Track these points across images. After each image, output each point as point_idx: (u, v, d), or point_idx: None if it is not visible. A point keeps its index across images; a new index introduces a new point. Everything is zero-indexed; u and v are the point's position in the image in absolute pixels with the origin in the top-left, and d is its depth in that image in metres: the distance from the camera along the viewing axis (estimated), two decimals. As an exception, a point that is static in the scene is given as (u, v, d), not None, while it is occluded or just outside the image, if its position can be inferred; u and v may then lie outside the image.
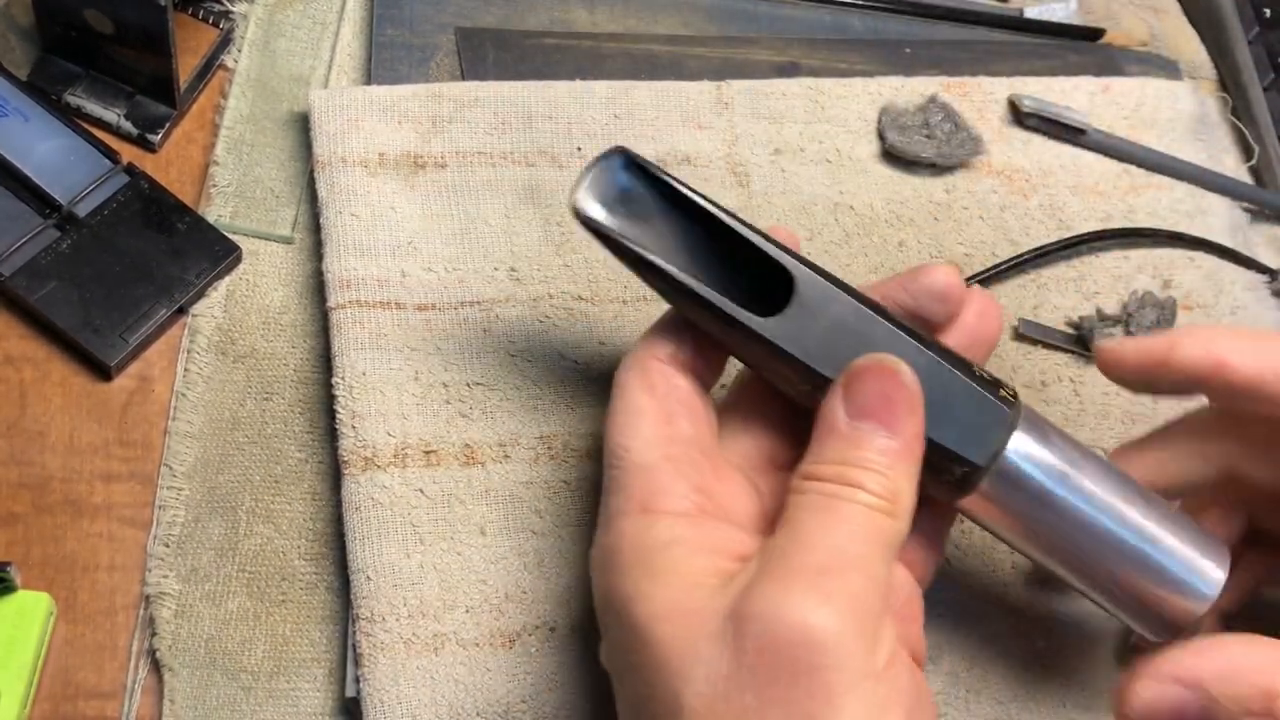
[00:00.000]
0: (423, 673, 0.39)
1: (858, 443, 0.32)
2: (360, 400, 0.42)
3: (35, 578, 0.40)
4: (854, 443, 0.32)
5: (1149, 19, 0.59)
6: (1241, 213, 0.54)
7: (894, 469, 0.31)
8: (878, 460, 0.31)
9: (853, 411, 0.32)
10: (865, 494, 0.31)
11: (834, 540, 0.30)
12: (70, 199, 0.44)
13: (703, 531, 0.32)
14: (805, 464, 0.32)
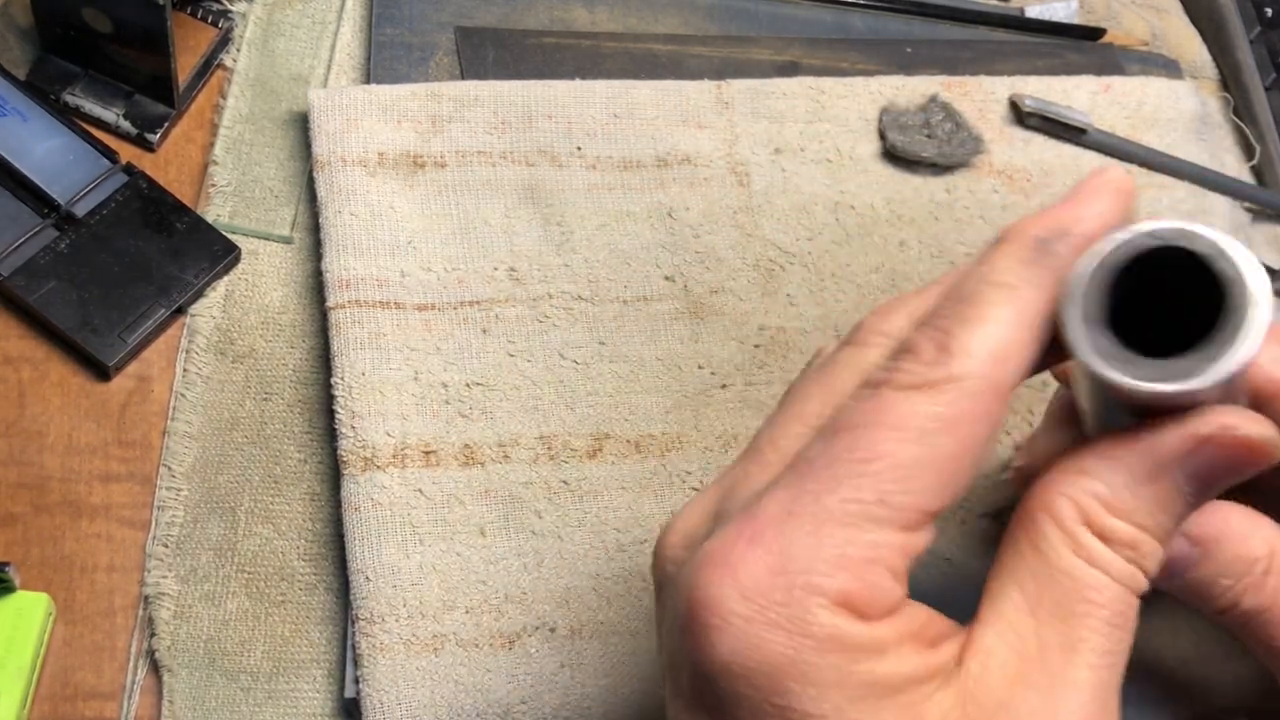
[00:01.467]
0: (422, 674, 0.39)
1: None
2: (359, 400, 0.42)
3: (34, 578, 0.40)
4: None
5: (1150, 18, 0.59)
6: (1243, 212, 0.54)
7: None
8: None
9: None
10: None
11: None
12: (69, 199, 0.44)
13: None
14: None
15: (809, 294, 0.47)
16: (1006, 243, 0.29)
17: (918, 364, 0.27)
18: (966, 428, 0.27)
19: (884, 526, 0.26)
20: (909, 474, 0.27)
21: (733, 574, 0.26)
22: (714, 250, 0.47)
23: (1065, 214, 0.29)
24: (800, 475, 0.27)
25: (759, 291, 0.47)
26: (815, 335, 0.47)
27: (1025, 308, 0.28)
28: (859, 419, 0.27)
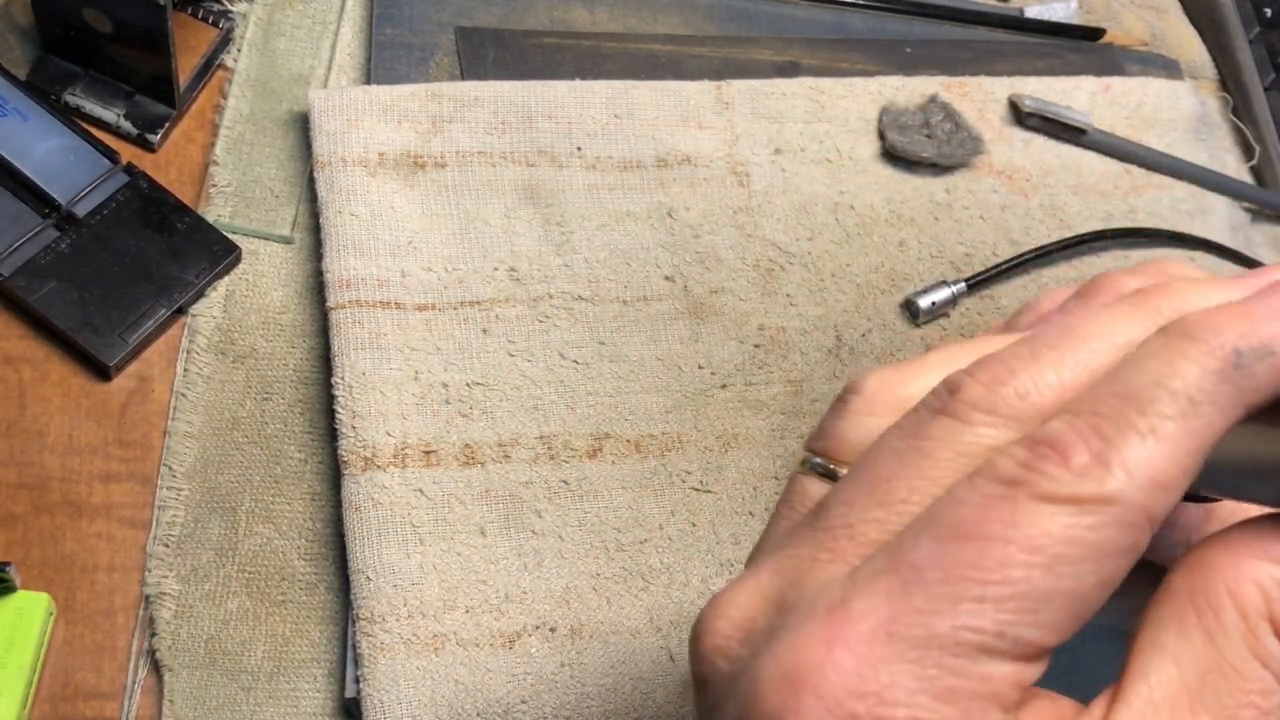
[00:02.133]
0: (422, 673, 0.39)
1: None
2: (360, 400, 0.42)
3: (34, 578, 0.40)
4: None
5: (1149, 18, 0.59)
6: (1243, 212, 0.54)
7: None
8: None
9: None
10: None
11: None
12: (69, 199, 0.44)
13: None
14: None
15: (809, 294, 0.47)
16: (1194, 343, 0.24)
17: (1065, 469, 0.23)
18: (1109, 561, 0.23)
19: (999, 659, 0.23)
20: (1036, 606, 0.23)
21: (821, 698, 0.23)
22: (714, 250, 0.47)
23: (1270, 325, 0.24)
24: (905, 586, 0.23)
25: (759, 291, 0.47)
26: (815, 335, 0.47)
27: (1202, 430, 0.24)
28: (984, 528, 0.23)
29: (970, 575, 0.23)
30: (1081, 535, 0.23)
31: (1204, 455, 0.24)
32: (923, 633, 0.23)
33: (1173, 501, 0.24)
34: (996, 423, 0.25)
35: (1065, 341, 0.26)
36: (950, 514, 0.24)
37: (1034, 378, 0.25)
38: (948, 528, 0.23)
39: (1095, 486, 0.23)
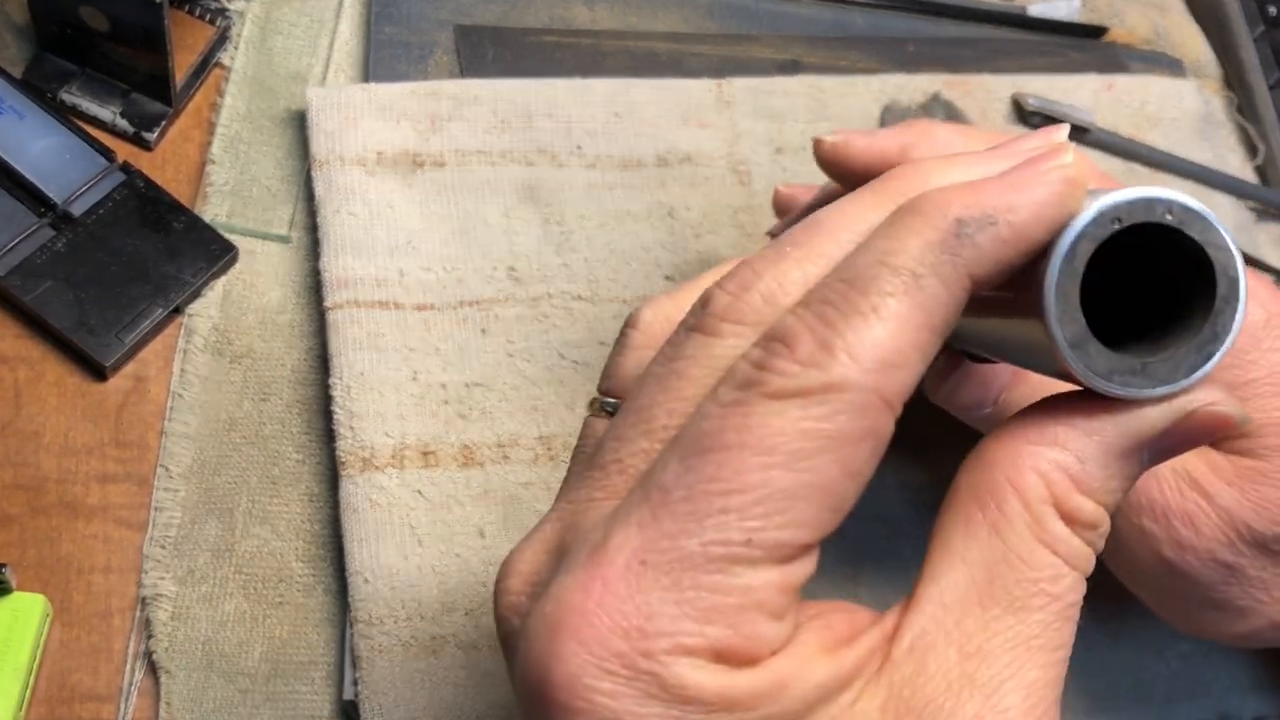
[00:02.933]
0: (421, 676, 0.38)
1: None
2: (358, 401, 0.41)
3: (30, 579, 0.40)
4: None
5: (1153, 16, 0.59)
6: (1247, 212, 0.54)
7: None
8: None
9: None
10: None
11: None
12: (65, 198, 0.44)
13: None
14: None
15: (810, 294, 0.47)
16: (917, 215, 0.24)
17: (792, 362, 0.23)
18: (849, 448, 0.23)
19: (756, 566, 0.23)
20: (781, 507, 0.23)
21: (585, 645, 0.22)
22: (715, 250, 0.47)
23: (996, 196, 0.24)
24: (655, 512, 0.23)
25: (760, 291, 0.47)
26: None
27: (928, 304, 0.23)
28: (720, 437, 0.23)
29: (711, 489, 0.22)
30: (814, 427, 0.22)
31: (939, 329, 0.23)
32: (674, 556, 0.22)
33: (911, 378, 0.23)
34: (744, 331, 0.25)
35: (809, 238, 0.25)
36: (693, 430, 0.23)
37: (778, 278, 0.25)
38: (690, 444, 0.23)
39: (821, 374, 0.22)
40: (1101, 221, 0.23)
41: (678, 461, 0.23)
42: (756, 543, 0.23)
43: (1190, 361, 0.24)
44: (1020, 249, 0.24)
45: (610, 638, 0.22)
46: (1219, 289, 0.24)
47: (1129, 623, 0.45)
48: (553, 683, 0.23)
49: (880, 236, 0.24)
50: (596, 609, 0.23)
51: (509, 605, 0.26)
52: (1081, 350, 0.24)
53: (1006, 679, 0.24)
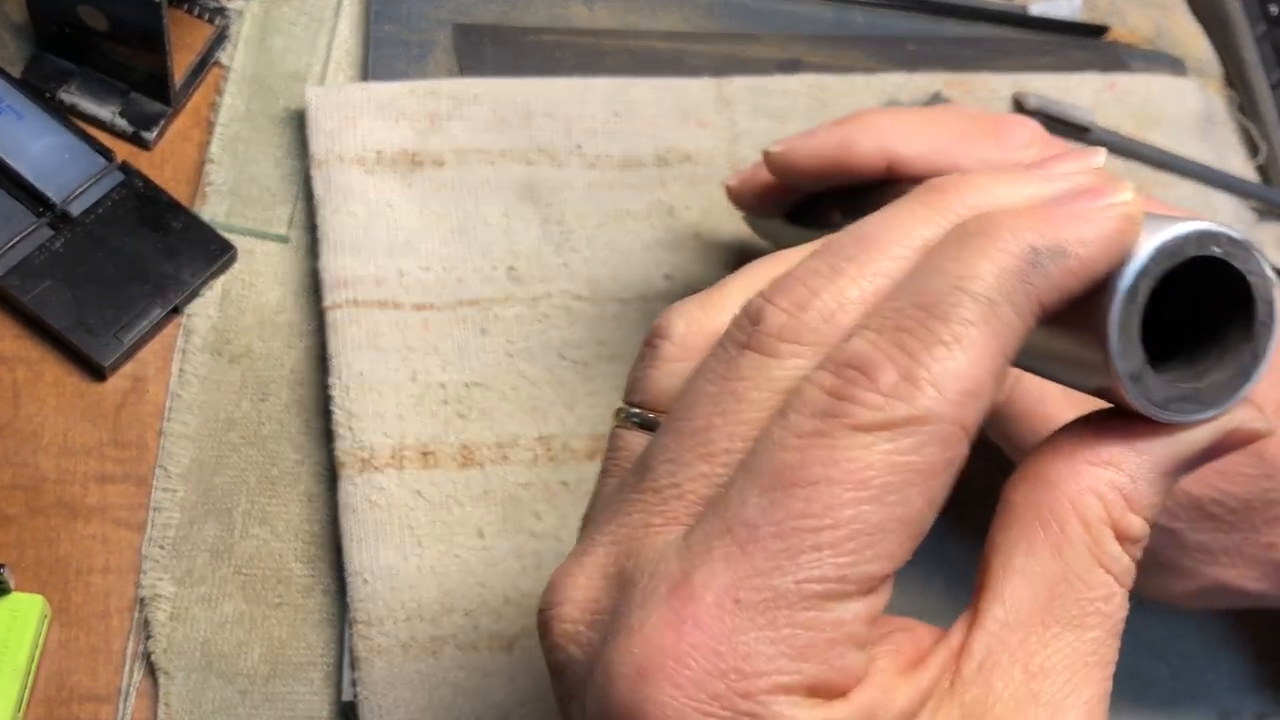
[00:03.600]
0: (420, 677, 0.38)
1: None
2: (357, 401, 0.41)
3: (29, 580, 0.40)
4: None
5: (1154, 15, 0.59)
6: (1249, 211, 0.54)
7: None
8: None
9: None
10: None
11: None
12: (64, 197, 0.44)
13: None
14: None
15: (810, 293, 0.47)
16: (988, 239, 0.24)
17: (875, 394, 0.23)
18: (934, 480, 0.23)
19: (846, 600, 0.23)
20: (872, 541, 0.23)
21: (681, 688, 0.22)
22: (715, 249, 0.47)
23: (1067, 228, 0.24)
24: (743, 548, 0.23)
25: (760, 291, 0.47)
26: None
27: (1003, 332, 0.23)
28: (806, 471, 0.23)
29: (803, 525, 0.22)
30: (903, 460, 0.23)
31: (1009, 357, 0.24)
32: (769, 595, 0.22)
33: (986, 406, 0.23)
34: (804, 351, 0.24)
35: (864, 253, 0.25)
36: (772, 460, 0.23)
37: (836, 296, 0.25)
38: (772, 477, 0.23)
39: (908, 408, 0.22)
40: (1160, 259, 0.24)
41: (760, 495, 0.23)
42: (851, 578, 0.23)
43: (1234, 385, 0.25)
44: (1085, 281, 0.24)
45: (708, 679, 0.22)
46: (1258, 314, 0.25)
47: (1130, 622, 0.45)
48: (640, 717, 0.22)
49: (952, 260, 0.24)
50: (691, 650, 0.22)
51: (565, 634, 0.25)
52: (1140, 383, 0.25)
53: (1068, 695, 0.25)
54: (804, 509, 0.22)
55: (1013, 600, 0.25)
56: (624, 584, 0.24)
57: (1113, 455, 0.25)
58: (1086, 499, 0.25)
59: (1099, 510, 0.25)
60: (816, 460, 0.23)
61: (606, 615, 0.24)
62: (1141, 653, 0.45)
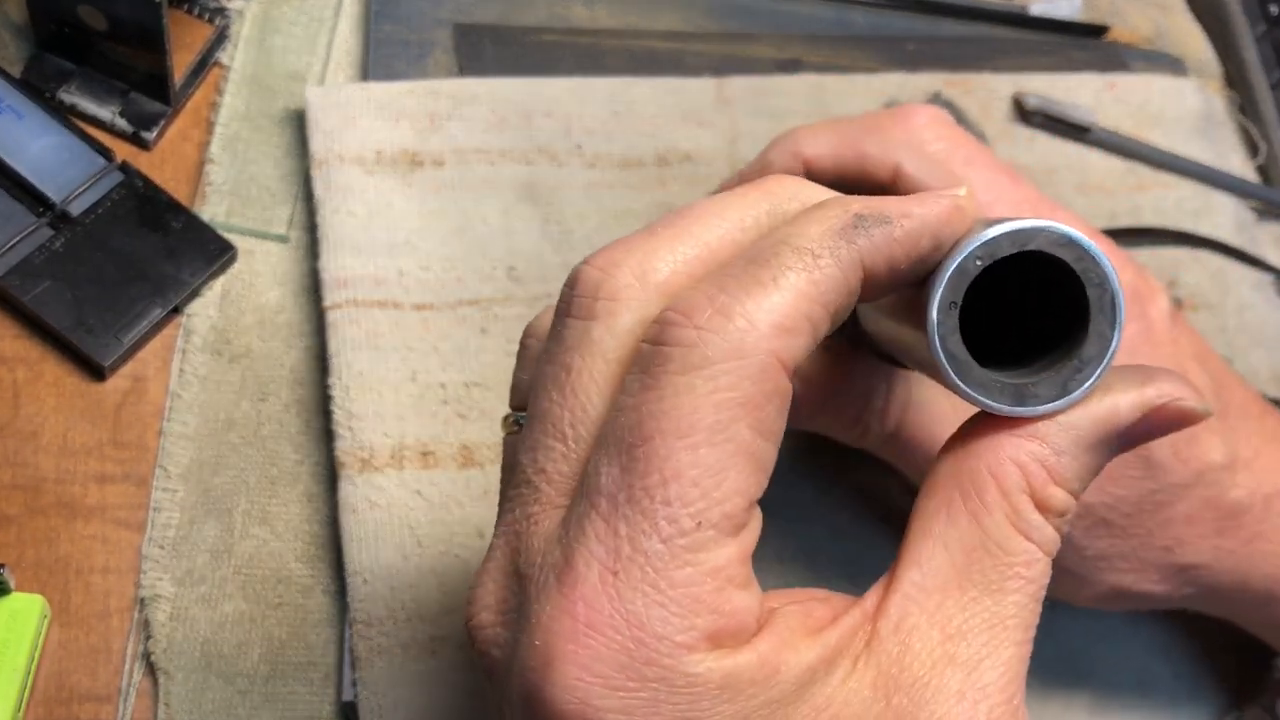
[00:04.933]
0: (420, 677, 0.38)
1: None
2: (356, 401, 0.41)
3: (29, 580, 0.40)
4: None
5: (1154, 15, 0.59)
6: (1248, 211, 0.54)
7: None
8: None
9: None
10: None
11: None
12: (64, 197, 0.44)
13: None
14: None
15: (810, 293, 0.47)
16: (821, 209, 0.26)
17: (690, 329, 0.24)
18: (759, 411, 0.24)
19: (715, 546, 0.24)
20: (716, 481, 0.24)
21: (587, 668, 0.23)
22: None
23: (892, 203, 0.26)
24: (607, 521, 0.23)
25: (760, 291, 0.47)
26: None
27: (823, 282, 0.25)
28: (641, 430, 0.23)
29: (649, 484, 0.23)
30: (724, 397, 0.23)
31: (830, 308, 0.25)
32: (641, 560, 0.23)
33: (802, 348, 0.24)
34: (618, 309, 0.25)
35: (680, 219, 0.27)
36: (615, 427, 0.24)
37: (649, 255, 0.26)
38: (617, 444, 0.24)
39: (720, 340, 0.23)
40: (979, 254, 0.26)
41: (611, 464, 0.24)
42: (707, 523, 0.24)
43: (1073, 380, 0.26)
44: (909, 251, 0.25)
45: (610, 655, 0.23)
46: (1090, 310, 0.26)
47: (1132, 623, 0.45)
48: (562, 712, 0.23)
49: (785, 227, 0.26)
50: (587, 631, 0.23)
51: (486, 639, 0.26)
52: (956, 360, 0.26)
53: (985, 657, 0.25)
54: (645, 468, 0.23)
55: (930, 565, 0.26)
56: (522, 580, 0.25)
57: (1035, 427, 0.26)
58: (1006, 468, 0.26)
59: (1018, 479, 0.26)
60: (648, 415, 0.24)
61: (514, 615, 0.25)
62: (1141, 653, 0.45)
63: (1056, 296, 0.27)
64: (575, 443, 0.25)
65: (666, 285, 0.26)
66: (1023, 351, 0.28)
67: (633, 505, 0.23)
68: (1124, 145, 0.53)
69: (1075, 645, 0.44)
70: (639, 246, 0.26)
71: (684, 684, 0.23)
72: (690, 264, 0.26)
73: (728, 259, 0.26)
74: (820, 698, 0.24)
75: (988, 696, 0.25)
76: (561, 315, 0.26)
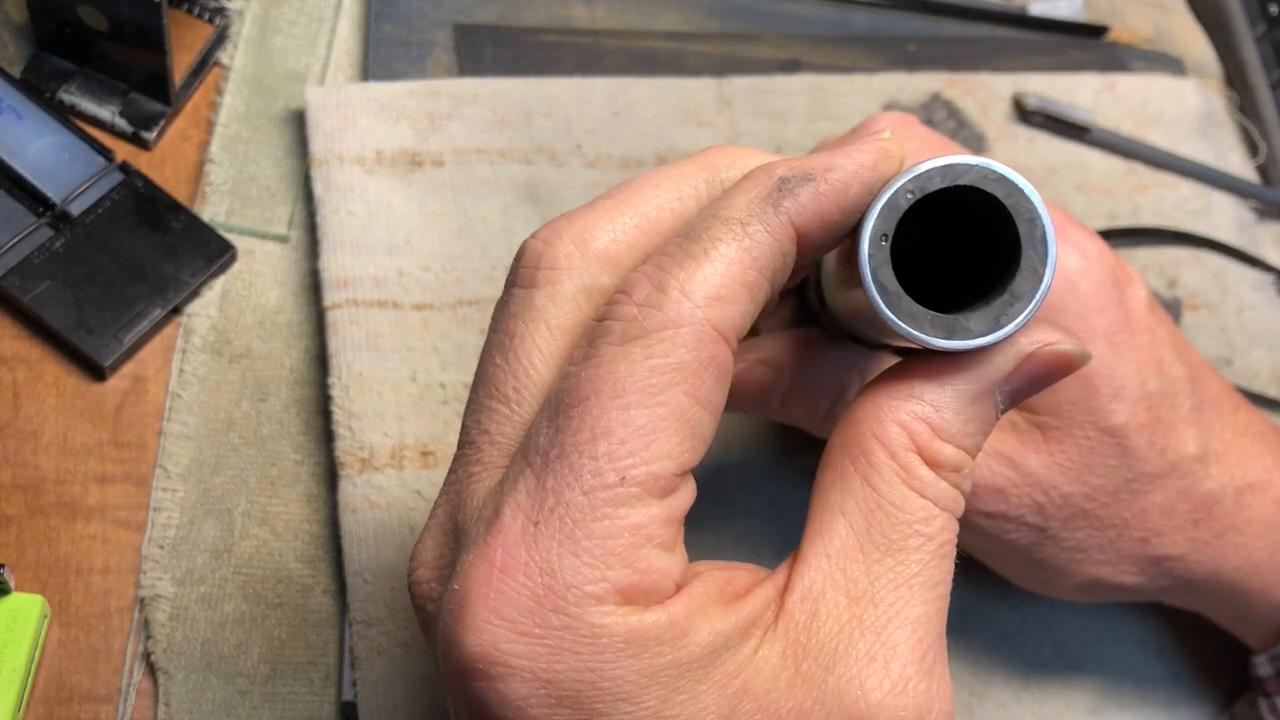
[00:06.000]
0: (420, 677, 0.38)
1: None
2: (356, 401, 0.41)
3: (29, 580, 0.40)
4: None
5: (1154, 15, 0.59)
6: (1248, 211, 0.54)
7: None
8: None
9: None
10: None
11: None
12: (64, 197, 0.44)
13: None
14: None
15: (810, 293, 0.47)
16: (747, 179, 0.27)
17: (630, 305, 0.25)
18: (694, 379, 0.25)
19: (637, 503, 0.24)
20: (645, 442, 0.24)
21: (496, 611, 0.23)
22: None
23: (817, 160, 0.26)
24: (537, 475, 0.24)
25: (760, 291, 0.47)
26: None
27: (754, 248, 0.25)
28: (578, 392, 0.24)
29: (579, 439, 0.24)
30: (660, 363, 0.24)
31: (766, 272, 0.26)
32: (562, 511, 0.24)
33: (741, 314, 0.25)
34: (559, 277, 0.27)
35: (620, 192, 0.28)
36: (556, 393, 0.25)
37: (589, 225, 0.27)
38: (555, 406, 0.25)
39: (658, 313, 0.25)
40: (910, 188, 0.26)
41: (548, 424, 0.25)
42: (631, 479, 0.24)
43: (1005, 314, 0.26)
44: (838, 203, 0.26)
45: (519, 599, 0.24)
46: (1022, 246, 0.26)
47: (1131, 623, 0.45)
48: (470, 654, 0.24)
49: (715, 203, 0.26)
50: (501, 575, 0.24)
51: (422, 595, 0.27)
52: (889, 294, 0.26)
53: (892, 617, 0.26)
54: (578, 425, 0.24)
55: (830, 533, 0.26)
56: (459, 535, 0.26)
57: (913, 389, 0.27)
58: (889, 429, 0.26)
59: (903, 439, 0.26)
60: (585, 380, 0.25)
61: (449, 569, 0.26)
62: (1140, 653, 0.45)
63: (994, 240, 0.27)
64: (518, 405, 0.26)
65: (606, 254, 0.27)
66: (969, 302, 0.28)
67: (562, 460, 0.24)
68: (1124, 145, 0.53)
69: (1075, 646, 0.44)
70: (580, 218, 0.27)
71: (588, 634, 0.24)
72: (629, 233, 0.27)
73: (667, 229, 0.27)
74: (731, 665, 0.25)
75: (898, 656, 0.25)
76: (508, 286, 0.28)
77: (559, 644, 0.24)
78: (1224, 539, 0.38)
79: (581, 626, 0.24)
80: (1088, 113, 0.53)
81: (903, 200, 0.26)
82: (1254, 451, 0.39)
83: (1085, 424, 0.36)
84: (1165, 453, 0.37)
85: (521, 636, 0.24)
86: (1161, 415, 0.37)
